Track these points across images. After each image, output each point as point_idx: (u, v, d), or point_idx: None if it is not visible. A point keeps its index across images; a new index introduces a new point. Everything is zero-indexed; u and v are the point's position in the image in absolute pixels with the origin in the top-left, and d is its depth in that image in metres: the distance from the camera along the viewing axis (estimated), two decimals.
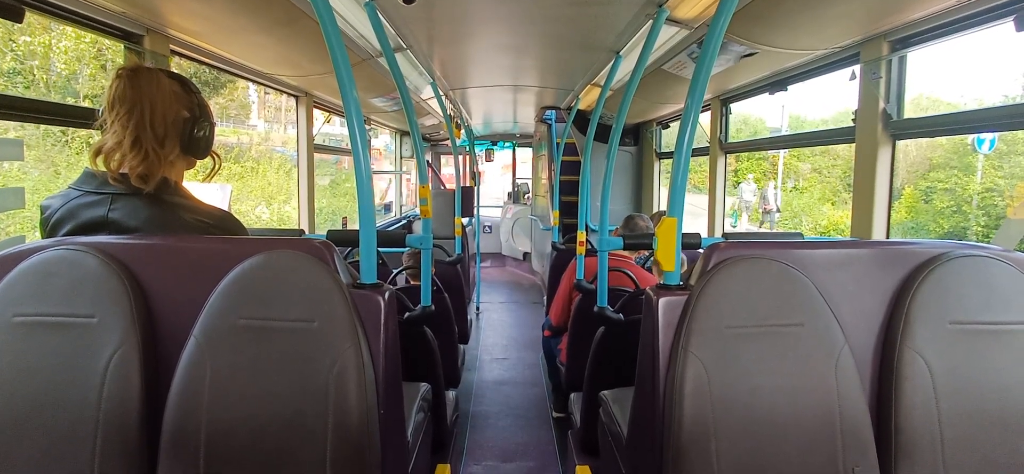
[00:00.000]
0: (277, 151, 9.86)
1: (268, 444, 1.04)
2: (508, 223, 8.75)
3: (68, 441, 1.02)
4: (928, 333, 1.13)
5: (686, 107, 1.26)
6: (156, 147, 1.18)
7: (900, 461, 1.12)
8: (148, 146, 1.17)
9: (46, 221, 1.20)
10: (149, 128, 1.17)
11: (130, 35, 1.92)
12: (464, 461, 2.80)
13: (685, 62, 2.66)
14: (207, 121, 1.28)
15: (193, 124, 1.24)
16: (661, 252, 1.29)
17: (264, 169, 9.45)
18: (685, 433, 1.08)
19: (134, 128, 1.16)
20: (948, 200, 11.78)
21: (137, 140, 1.16)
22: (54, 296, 1.06)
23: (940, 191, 12.10)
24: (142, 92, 1.17)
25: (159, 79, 1.20)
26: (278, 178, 9.38)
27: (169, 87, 1.21)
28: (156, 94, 1.19)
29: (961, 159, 11.95)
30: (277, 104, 10.50)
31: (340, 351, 1.05)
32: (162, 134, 1.19)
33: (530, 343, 4.79)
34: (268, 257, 1.09)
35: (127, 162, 1.16)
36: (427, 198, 2.21)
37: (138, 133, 1.16)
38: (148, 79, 1.19)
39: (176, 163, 1.25)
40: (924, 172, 12.79)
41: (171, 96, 1.21)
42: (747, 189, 15.69)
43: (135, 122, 1.16)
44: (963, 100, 13.88)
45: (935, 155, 12.81)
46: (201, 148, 1.27)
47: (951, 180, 11.92)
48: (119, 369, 1.04)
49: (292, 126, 10.06)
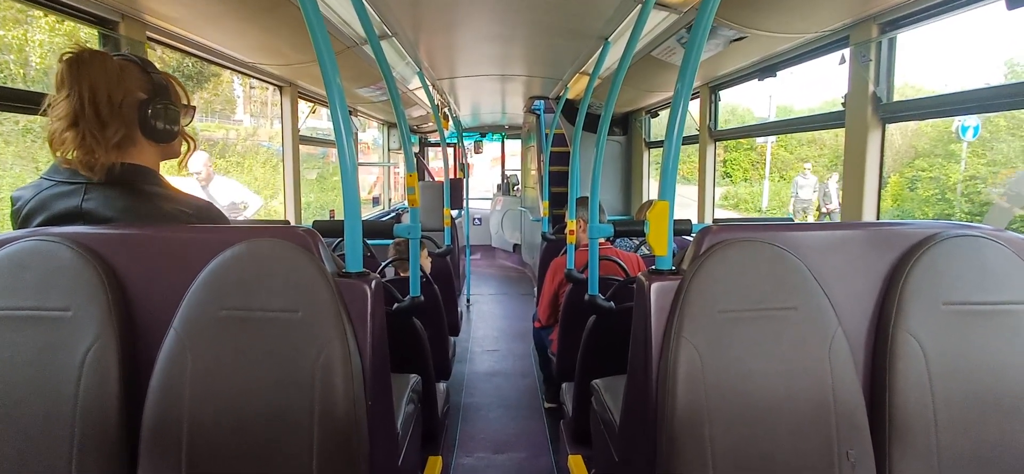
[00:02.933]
0: (263, 146, 9.74)
1: (252, 437, 1.01)
2: (498, 215, 8.73)
3: (44, 438, 0.99)
4: (921, 315, 1.12)
5: (676, 92, 1.24)
6: (95, 131, 1.10)
7: (894, 443, 1.11)
8: (86, 130, 1.09)
9: (17, 213, 1.15)
10: (88, 111, 1.09)
11: (104, 21, 1.85)
12: (456, 453, 2.79)
13: (674, 47, 2.64)
14: (167, 100, 1.19)
15: (147, 106, 1.16)
16: (653, 236, 1.27)
17: (250, 164, 9.32)
18: (678, 419, 1.06)
19: (72, 113, 1.09)
20: (933, 188, 11.91)
21: (74, 124, 1.09)
22: (26, 289, 1.02)
23: (925, 179, 12.25)
24: (81, 75, 1.09)
25: (104, 60, 1.12)
26: (264, 173, 9.25)
27: (117, 67, 1.13)
28: (98, 76, 1.10)
29: (945, 147, 12.06)
30: (263, 99, 10.36)
31: (326, 341, 1.02)
32: (106, 116, 1.11)
33: (521, 334, 4.78)
34: (250, 246, 1.06)
35: (68, 149, 1.09)
36: (415, 187, 2.18)
37: (75, 117, 1.09)
38: (91, 61, 1.11)
39: (144, 149, 1.18)
40: (910, 160, 12.94)
41: (118, 77, 1.13)
42: (804, 184, 11.48)
43: (73, 106, 1.09)
44: (948, 88, 14.04)
45: (920, 143, 12.90)
46: (162, 129, 1.18)
47: (935, 168, 12.02)
48: (96, 364, 1.00)
49: (278, 120, 9.95)
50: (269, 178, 9.01)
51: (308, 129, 4.10)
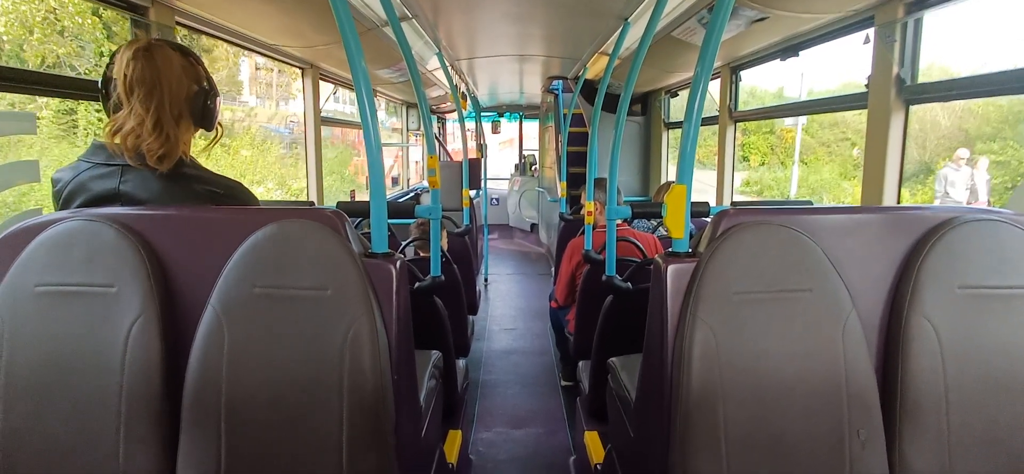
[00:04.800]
0: (272, 130, 9.47)
1: (285, 409, 1.07)
2: (515, 195, 8.73)
3: (95, 407, 1.05)
4: (936, 298, 1.13)
5: (696, 75, 1.25)
6: (175, 129, 1.21)
7: (905, 424, 1.13)
8: (169, 130, 1.19)
9: (58, 194, 1.21)
10: (168, 110, 1.19)
11: (135, 6, 1.91)
12: (474, 427, 2.86)
13: (695, 28, 2.62)
14: (215, 93, 1.29)
15: (204, 97, 1.26)
16: (670, 219, 1.29)
17: (237, 146, 8.65)
18: (693, 397, 1.09)
19: (155, 111, 1.18)
20: (1001, 175, 9.52)
21: (158, 123, 1.18)
22: (73, 266, 1.08)
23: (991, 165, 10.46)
24: (160, 73, 1.19)
25: (171, 57, 1.22)
26: (252, 156, 8.68)
27: (179, 63, 1.23)
28: (171, 74, 1.21)
29: (1014, 128, 9.94)
30: (268, 80, 10.29)
31: (354, 318, 1.07)
32: (178, 114, 1.22)
33: (538, 313, 4.83)
34: (282, 227, 1.11)
35: (144, 143, 1.17)
36: (435, 169, 2.21)
37: (159, 116, 1.18)
38: (162, 58, 1.20)
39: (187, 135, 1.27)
40: (961, 144, 11.07)
41: (182, 72, 1.23)
42: (956, 179, 7.74)
43: (156, 105, 1.18)
44: (982, 70, 12.80)
45: (970, 125, 10.99)
46: (212, 120, 1.29)
47: (1007, 151, 9.96)
48: (139, 337, 1.06)
49: (283, 102, 9.81)
50: (256, 161, 8.59)
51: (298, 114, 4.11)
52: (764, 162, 17.45)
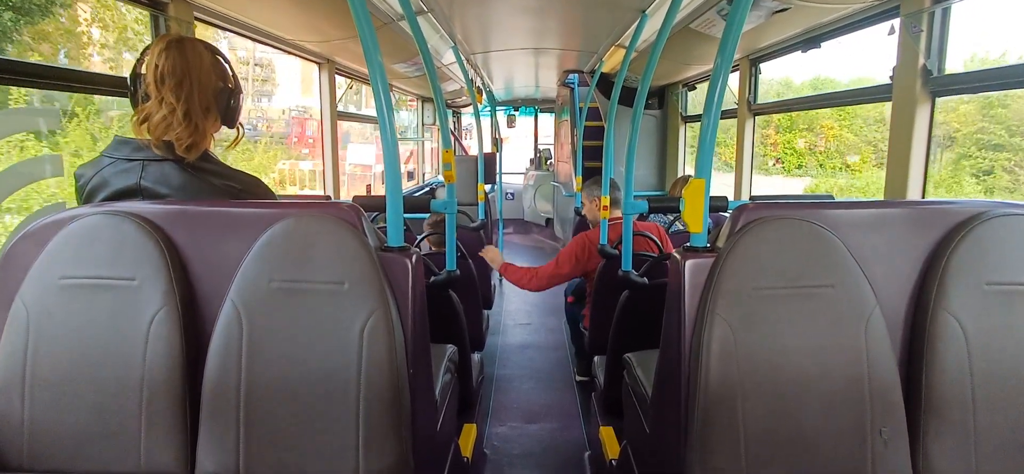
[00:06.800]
0: None
1: (303, 401, 1.08)
2: (531, 189, 8.72)
3: (118, 397, 1.07)
4: (963, 295, 1.10)
5: (715, 67, 1.23)
6: (203, 121, 1.23)
7: (929, 423, 1.10)
8: (197, 120, 1.22)
9: (81, 189, 1.24)
10: (197, 101, 1.22)
11: (154, 2, 1.93)
12: (489, 421, 2.87)
13: (714, 19, 2.58)
14: (240, 91, 1.32)
15: (230, 94, 1.28)
16: (688, 213, 1.27)
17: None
18: (711, 393, 1.08)
19: (185, 101, 1.20)
20: None
21: (188, 113, 1.20)
22: (97, 260, 1.10)
23: None
24: (190, 64, 1.21)
25: (201, 51, 1.24)
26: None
27: (209, 59, 1.25)
28: (201, 67, 1.23)
29: None
30: (263, 76, 10.28)
31: (370, 312, 1.08)
32: (206, 107, 1.24)
33: (553, 309, 4.82)
34: (299, 221, 1.12)
35: (173, 132, 1.20)
36: (451, 163, 2.21)
37: (189, 106, 1.20)
38: (193, 51, 1.22)
39: None
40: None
41: (211, 68, 1.25)
42: None
43: (186, 94, 1.20)
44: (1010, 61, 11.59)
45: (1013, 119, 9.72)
46: (235, 118, 1.32)
47: None
48: (160, 329, 1.08)
49: (278, 99, 9.74)
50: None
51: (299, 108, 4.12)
52: (801, 164, 13.65)
